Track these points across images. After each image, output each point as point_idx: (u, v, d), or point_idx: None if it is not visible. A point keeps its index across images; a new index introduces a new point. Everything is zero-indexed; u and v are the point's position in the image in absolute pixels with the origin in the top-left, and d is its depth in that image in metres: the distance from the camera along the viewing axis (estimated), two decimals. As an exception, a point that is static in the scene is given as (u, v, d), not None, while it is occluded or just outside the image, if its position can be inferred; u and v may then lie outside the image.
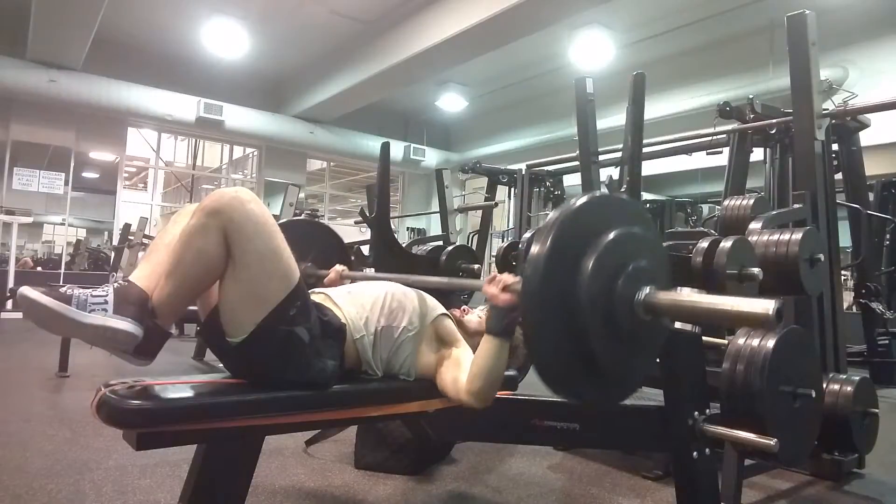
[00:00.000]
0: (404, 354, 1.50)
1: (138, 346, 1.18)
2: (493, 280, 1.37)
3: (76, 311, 1.10)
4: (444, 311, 1.62)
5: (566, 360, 1.14)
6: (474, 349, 1.58)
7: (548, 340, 1.12)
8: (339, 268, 2.05)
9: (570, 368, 1.15)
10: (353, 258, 2.48)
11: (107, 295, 1.14)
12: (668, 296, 1.14)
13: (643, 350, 1.25)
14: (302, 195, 9.17)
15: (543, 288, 1.09)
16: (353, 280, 1.91)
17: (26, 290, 1.08)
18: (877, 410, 2.14)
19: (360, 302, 1.50)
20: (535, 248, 1.10)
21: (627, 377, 1.27)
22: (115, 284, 1.18)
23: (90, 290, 1.14)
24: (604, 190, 3.58)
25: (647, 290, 1.14)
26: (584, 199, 1.18)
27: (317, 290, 1.56)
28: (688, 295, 1.15)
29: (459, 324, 1.65)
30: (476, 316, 1.73)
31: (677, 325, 1.38)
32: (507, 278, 1.35)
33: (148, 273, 1.24)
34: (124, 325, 1.14)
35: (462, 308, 1.78)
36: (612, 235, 1.15)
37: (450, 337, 1.57)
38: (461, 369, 1.45)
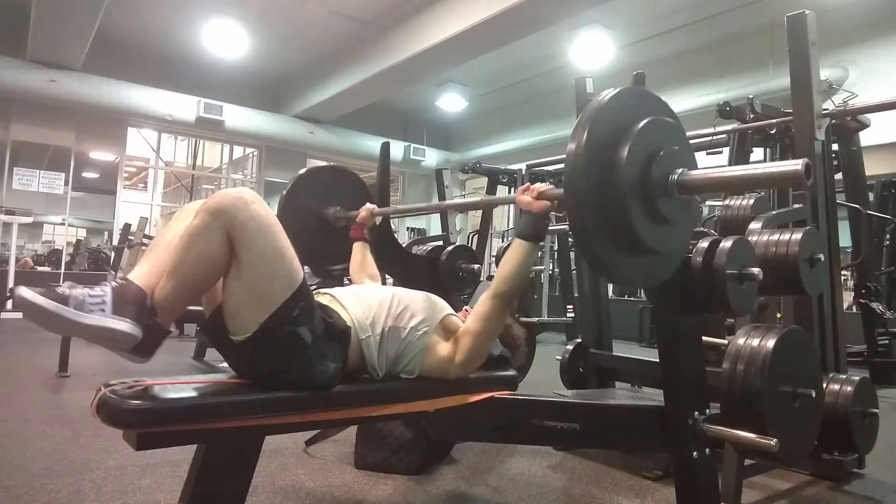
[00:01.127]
0: (411, 353, 1.50)
1: (138, 344, 1.17)
2: (526, 189, 1.47)
3: (73, 311, 1.09)
4: (451, 310, 1.63)
5: (611, 247, 1.21)
6: None
7: (593, 229, 1.18)
8: (369, 206, 2.12)
9: (616, 254, 1.22)
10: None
11: (105, 294, 1.13)
12: (699, 173, 1.22)
13: (680, 227, 1.32)
14: (302, 195, 9.16)
15: (584, 181, 1.15)
16: (384, 216, 1.96)
17: (23, 291, 1.06)
18: (877, 410, 2.14)
19: (366, 303, 1.50)
20: (571, 146, 1.16)
21: (669, 253, 1.34)
22: (114, 283, 1.16)
23: (88, 289, 1.13)
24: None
25: (679, 170, 1.22)
26: (611, 94, 1.23)
27: (322, 290, 1.56)
28: (717, 170, 1.24)
29: None
30: (477, 316, 1.73)
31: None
32: (540, 186, 1.45)
33: (148, 271, 1.23)
34: (123, 325, 1.13)
35: (464, 309, 1.79)
36: (642, 124, 1.21)
37: (457, 327, 1.60)
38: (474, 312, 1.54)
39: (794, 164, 1.06)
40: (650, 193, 1.20)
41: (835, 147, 3.52)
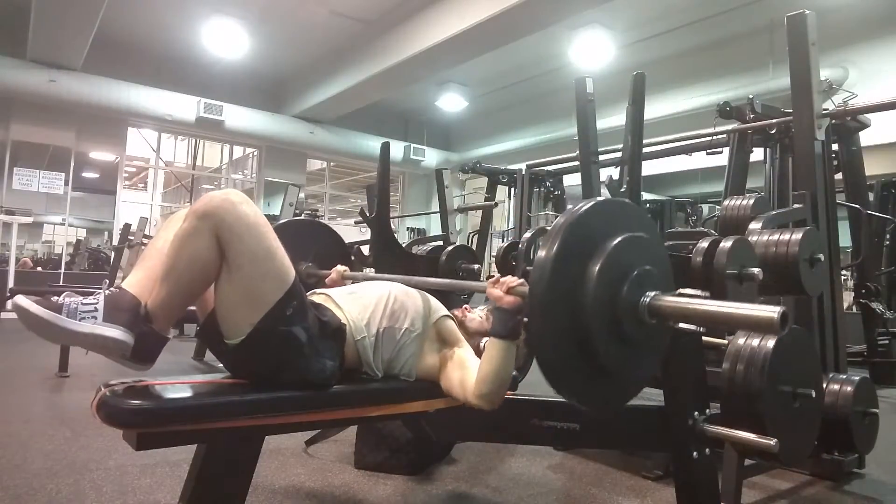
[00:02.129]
0: (406, 355, 1.50)
1: (135, 351, 1.18)
2: (497, 282, 1.37)
3: (66, 319, 1.11)
4: (447, 311, 1.62)
5: (571, 364, 1.15)
6: (475, 349, 1.58)
7: (553, 344, 1.13)
8: (340, 268, 2.05)
9: (576, 372, 1.17)
10: (353, 258, 2.50)
11: (97, 303, 1.14)
12: (672, 300, 1.15)
13: (648, 353, 1.26)
14: (302, 195, 9.20)
15: (549, 293, 1.10)
16: (354, 280, 1.91)
17: (19, 299, 1.10)
18: (877, 410, 2.14)
19: (362, 303, 1.50)
20: (541, 253, 1.12)
21: (632, 380, 1.28)
22: (107, 292, 1.18)
23: (81, 298, 1.14)
24: (604, 190, 3.58)
25: (651, 294, 1.15)
26: (589, 205, 1.19)
27: (318, 290, 1.56)
28: (692, 300, 1.14)
29: (461, 324, 1.65)
30: (477, 316, 1.73)
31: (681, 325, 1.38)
32: (511, 280, 1.36)
33: (141, 278, 1.24)
34: (113, 332, 1.14)
35: (463, 308, 1.78)
36: (617, 241, 1.16)
37: (452, 337, 1.57)
38: (467, 370, 1.46)
39: (772, 312, 0.96)
40: (618, 315, 1.14)
41: (835, 147, 3.52)
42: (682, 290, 1.21)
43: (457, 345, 1.56)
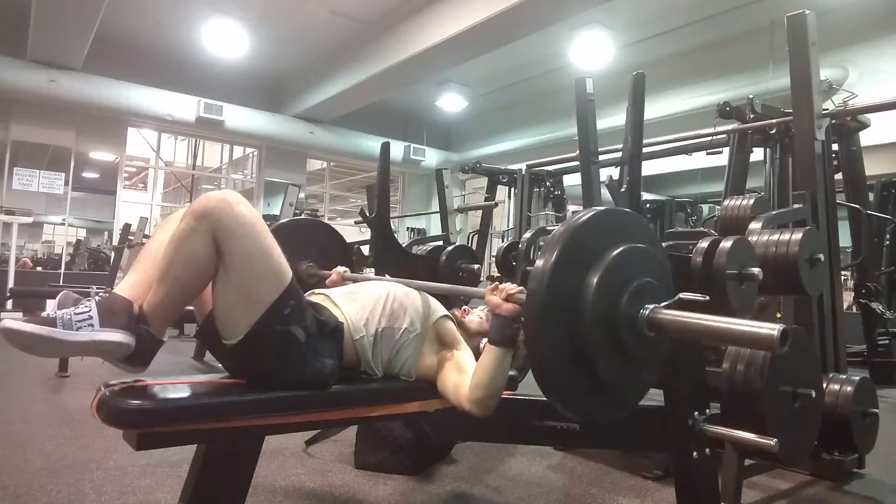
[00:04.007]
0: (405, 355, 1.50)
1: (130, 354, 1.17)
2: (496, 289, 1.36)
3: (63, 331, 1.09)
4: (446, 312, 1.62)
5: (569, 376, 1.15)
6: (475, 350, 1.58)
7: (551, 356, 1.12)
8: (340, 269, 2.04)
9: (574, 384, 1.16)
10: (353, 258, 2.47)
11: (90, 310, 1.12)
12: (671, 314, 1.13)
13: (646, 365, 1.25)
14: (302, 195, 9.19)
15: (548, 303, 1.10)
16: (354, 281, 1.91)
17: (8, 323, 1.05)
18: (877, 410, 2.14)
19: (360, 302, 1.50)
20: (539, 263, 1.11)
21: (630, 392, 1.27)
22: (97, 297, 1.16)
23: (72, 308, 1.12)
24: (604, 191, 3.58)
25: (650, 307, 1.14)
26: (589, 214, 1.18)
27: (317, 291, 1.56)
28: (692, 317, 1.12)
29: (460, 324, 1.65)
30: (476, 316, 1.73)
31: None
32: (510, 288, 1.35)
33: (135, 282, 1.23)
34: (115, 336, 1.13)
35: (462, 308, 1.78)
36: (616, 251, 1.15)
37: (450, 338, 1.57)
38: (463, 373, 1.45)
39: (772, 329, 0.97)
40: (616, 327, 1.13)
41: (835, 147, 3.52)
42: (682, 295, 1.20)
43: (455, 346, 1.55)
